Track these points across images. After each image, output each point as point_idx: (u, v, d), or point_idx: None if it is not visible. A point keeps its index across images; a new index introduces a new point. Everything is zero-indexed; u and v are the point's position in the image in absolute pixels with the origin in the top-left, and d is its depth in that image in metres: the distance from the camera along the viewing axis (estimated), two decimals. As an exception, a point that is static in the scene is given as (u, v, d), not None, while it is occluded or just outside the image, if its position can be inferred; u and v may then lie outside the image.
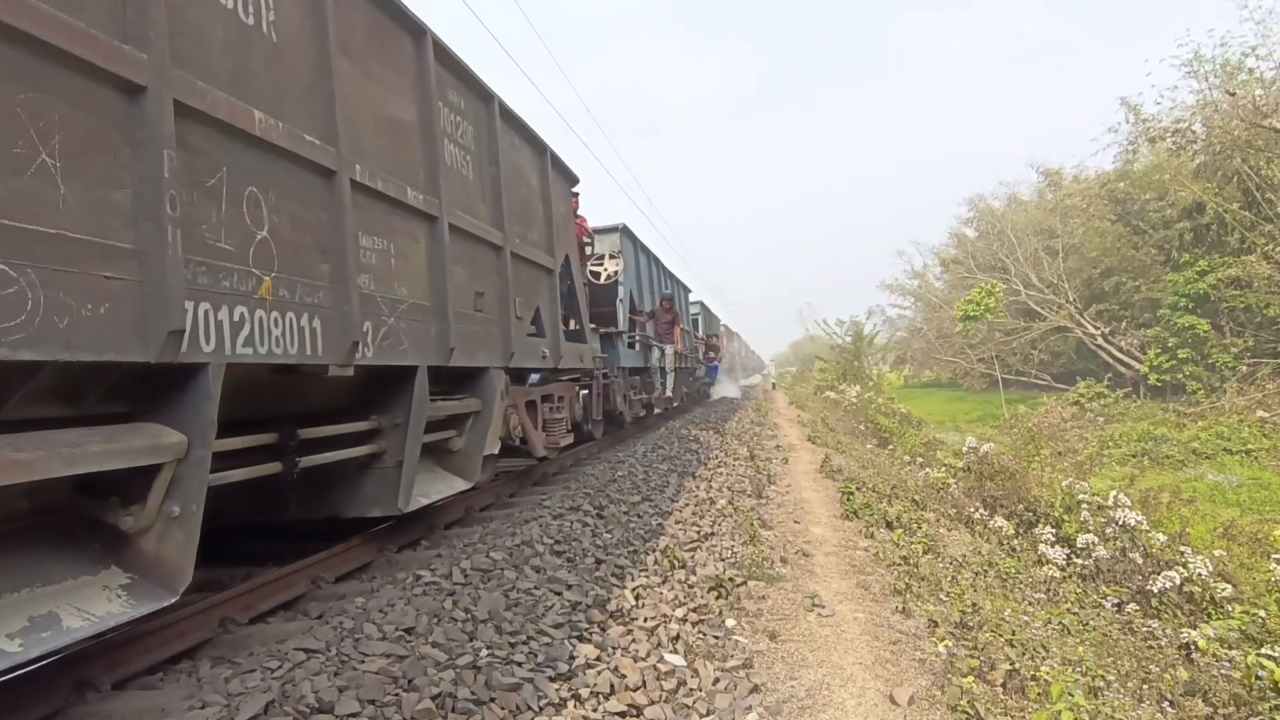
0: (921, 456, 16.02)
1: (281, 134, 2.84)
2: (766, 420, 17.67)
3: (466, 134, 4.74)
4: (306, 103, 3.08)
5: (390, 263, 3.68)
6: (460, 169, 4.55)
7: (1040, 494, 11.46)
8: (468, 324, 4.36)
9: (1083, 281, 33.72)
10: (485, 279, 4.67)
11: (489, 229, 4.76)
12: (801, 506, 7.22)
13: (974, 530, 9.05)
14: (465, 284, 4.40)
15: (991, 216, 40.36)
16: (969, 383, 41.15)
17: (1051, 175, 37.68)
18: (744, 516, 5.89)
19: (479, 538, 4.29)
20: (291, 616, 3.26)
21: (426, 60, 4.16)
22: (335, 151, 3.18)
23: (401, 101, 3.96)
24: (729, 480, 7.72)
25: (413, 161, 4.01)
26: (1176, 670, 5.03)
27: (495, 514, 5.32)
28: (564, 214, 6.84)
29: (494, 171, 4.92)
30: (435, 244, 4.10)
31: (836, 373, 40.07)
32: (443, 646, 2.72)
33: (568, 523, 4.67)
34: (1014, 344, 36.28)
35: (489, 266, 4.81)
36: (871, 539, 5.93)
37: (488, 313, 4.66)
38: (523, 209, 5.49)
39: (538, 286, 5.78)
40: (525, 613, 3.18)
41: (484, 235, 4.68)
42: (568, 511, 4.96)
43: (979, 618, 4.12)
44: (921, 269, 49.01)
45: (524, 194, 5.56)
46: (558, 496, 5.55)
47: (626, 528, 4.99)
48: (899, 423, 25.40)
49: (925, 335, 46.40)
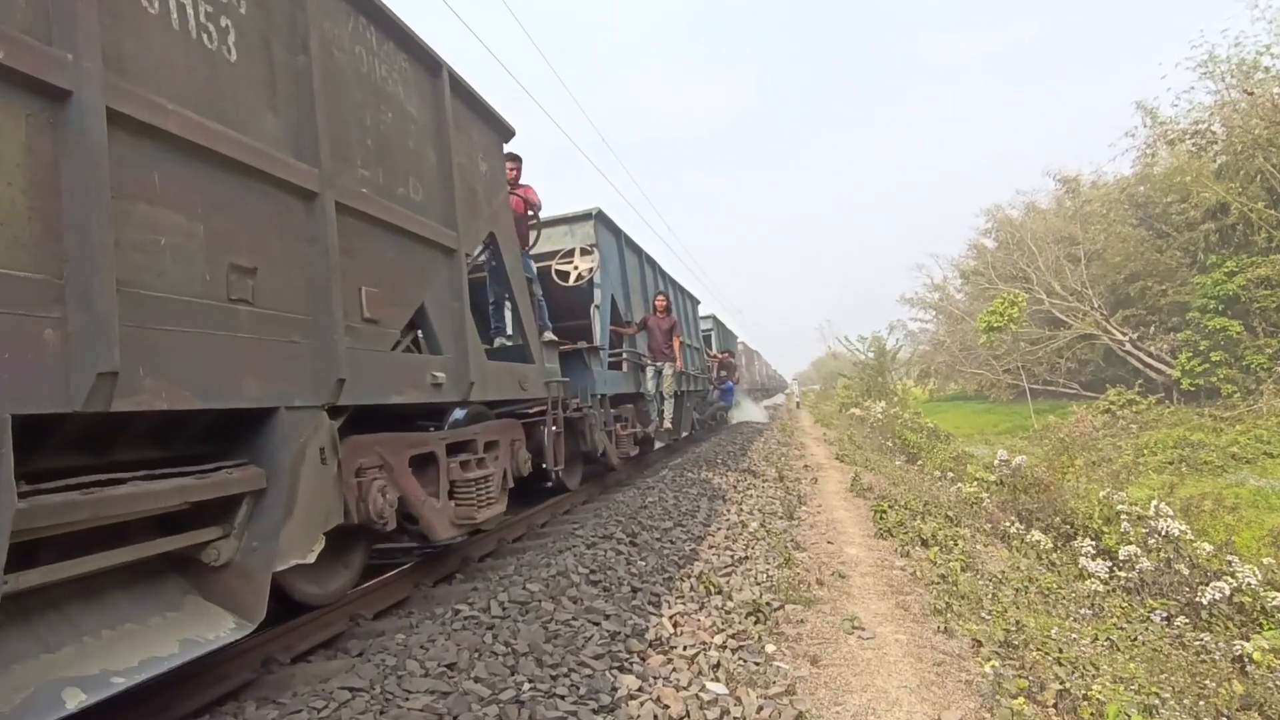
0: (952, 471, 15.77)
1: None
2: (793, 440, 17.54)
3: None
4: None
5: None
6: (181, 25, 2.46)
7: (1077, 506, 11.23)
8: (199, 326, 2.35)
9: (1107, 287, 33.26)
10: (261, 245, 2.66)
11: (268, 151, 2.72)
12: (834, 527, 7.14)
13: (1011, 545, 8.88)
14: (188, 247, 2.37)
15: (1010, 226, 40.03)
16: (996, 394, 40.55)
17: (1069, 182, 37.39)
18: (777, 539, 5.84)
19: (514, 569, 4.30)
20: (332, 655, 3.27)
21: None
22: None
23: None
24: (759, 503, 7.67)
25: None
26: (1232, 684, 4.87)
27: (528, 545, 5.32)
28: (483, 175, 4.73)
29: (297, 62, 2.93)
30: (69, 149, 2.02)
31: (860, 389, 39.69)
32: (485, 682, 2.72)
33: (601, 551, 4.67)
34: (1040, 353, 35.77)
35: (273, 223, 2.75)
36: (907, 558, 5.85)
37: (269, 307, 2.65)
38: (380, 144, 3.47)
39: (420, 274, 3.74)
40: (565, 644, 3.17)
41: (251, 160, 2.62)
42: (601, 540, 4.95)
43: (1024, 636, 4.03)
44: (941, 281, 48.63)
45: (383, 120, 3.52)
46: (590, 525, 5.54)
47: (660, 554, 4.97)
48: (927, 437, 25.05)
49: (948, 348, 45.88)
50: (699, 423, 15.92)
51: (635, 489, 7.61)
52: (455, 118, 4.31)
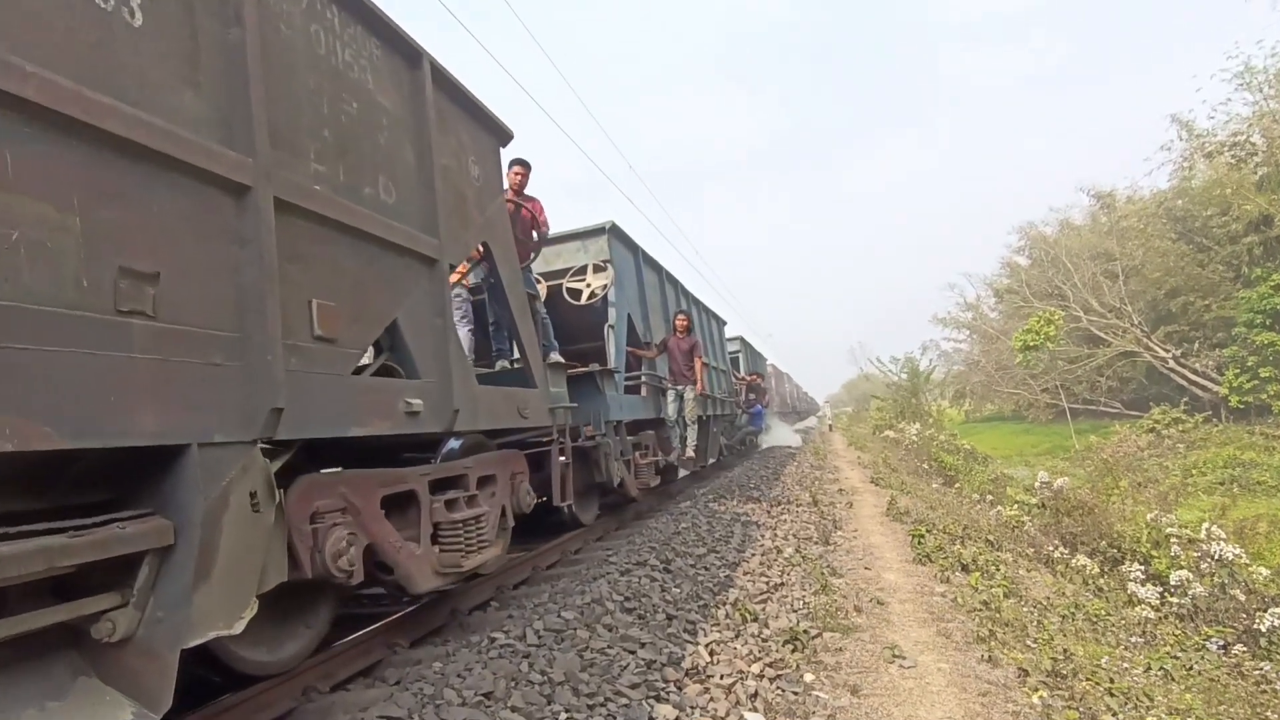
0: (991, 494, 15.44)
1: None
2: (826, 463, 17.33)
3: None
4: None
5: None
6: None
7: (1123, 529, 10.90)
8: (69, 344, 1.93)
9: (1147, 303, 32.51)
10: (169, 246, 2.22)
11: (182, 134, 2.26)
12: (871, 552, 7.02)
13: (1055, 570, 8.64)
14: (55, 245, 1.94)
15: (1044, 243, 39.45)
16: (1034, 414, 39.71)
17: (1104, 198, 36.80)
18: (813, 565, 5.76)
19: (548, 597, 4.29)
20: (370, 683, 3.29)
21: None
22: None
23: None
24: (794, 528, 7.57)
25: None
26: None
27: (562, 571, 5.32)
28: (474, 179, 4.28)
29: (228, 34, 2.51)
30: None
31: (894, 411, 39.15)
32: (522, 711, 2.72)
33: (636, 578, 4.64)
34: (1079, 372, 35.00)
35: (187, 220, 2.29)
36: (948, 583, 5.72)
37: (178, 321, 2.20)
38: (341, 137, 3.04)
39: (392, 286, 3.28)
40: (601, 673, 3.16)
41: (155, 143, 2.17)
42: (634, 566, 4.93)
43: (1072, 665, 3.91)
44: (974, 300, 47.99)
45: (345, 111, 3.11)
46: (623, 551, 5.52)
47: (695, 581, 4.93)
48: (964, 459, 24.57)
49: (984, 368, 45.14)
50: (727, 448, 15.34)
51: (668, 515, 7.57)
52: (439, 115, 3.88)
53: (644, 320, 8.78)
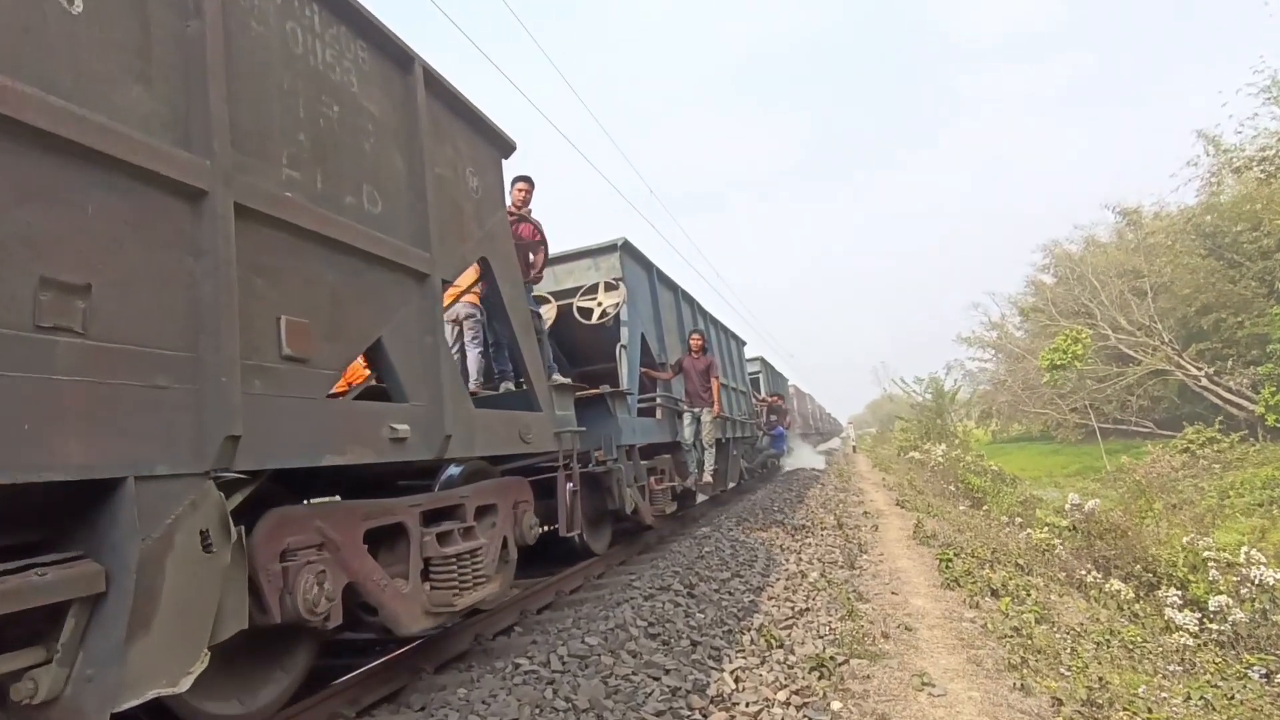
0: (1020, 516, 15.14)
1: None
2: (851, 486, 17.14)
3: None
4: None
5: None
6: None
7: (1159, 553, 10.62)
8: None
9: (1177, 321, 31.92)
10: (106, 255, 2.00)
11: (124, 131, 2.06)
12: (897, 576, 6.91)
13: (1089, 595, 8.44)
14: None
15: (1069, 261, 38.99)
16: (1063, 434, 38.98)
17: (1129, 214, 36.32)
18: (838, 590, 5.69)
19: (572, 622, 4.28)
20: (396, 709, 3.30)
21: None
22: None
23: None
24: (818, 552, 7.49)
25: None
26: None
27: (585, 596, 5.30)
28: (472, 191, 4.06)
29: (186, 27, 2.31)
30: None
31: (919, 432, 38.64)
32: (547, 738, 2.70)
33: (659, 603, 4.62)
34: (1108, 391, 34.37)
35: (130, 226, 2.08)
36: (977, 609, 5.61)
37: (115, 339, 1.98)
38: (320, 142, 2.84)
39: (377, 302, 3.06)
40: (626, 700, 3.14)
41: (90, 140, 1.96)
42: (658, 591, 4.91)
43: (1108, 694, 3.82)
44: (999, 319, 47.41)
45: (325, 115, 2.90)
46: (647, 576, 5.50)
47: (719, 606, 4.89)
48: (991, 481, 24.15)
49: (1010, 387, 44.47)
50: (748, 472, 14.90)
51: (691, 539, 7.52)
52: (433, 122, 3.69)
53: (659, 340, 8.48)
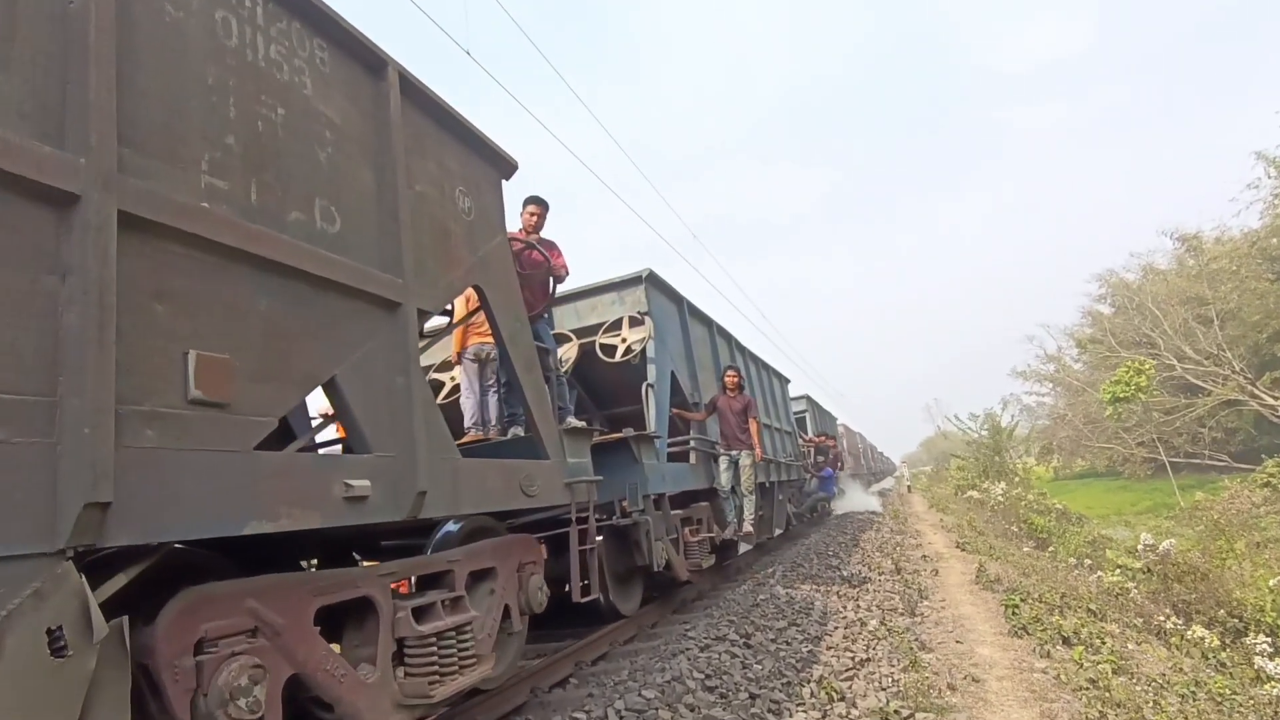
0: (1089, 558, 14.49)
1: None
2: (907, 528, 16.66)
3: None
4: None
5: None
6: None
7: (1243, 596, 10.05)
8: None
9: (1248, 348, 30.60)
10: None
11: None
12: (961, 624, 6.67)
13: (1169, 643, 8.00)
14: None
15: (1127, 290, 37.90)
16: (1130, 469, 37.38)
17: (1189, 240, 35.24)
18: (899, 638, 5.52)
19: (628, 674, 4.24)
20: (455, 764, 3.30)
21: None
22: None
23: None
24: (877, 598, 7.29)
25: None
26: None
27: (640, 647, 5.25)
28: (462, 213, 3.63)
29: (70, 5, 1.94)
30: None
31: (976, 470, 37.48)
32: (607, 796, 2.67)
33: (715, 654, 4.55)
34: (1177, 423, 32.95)
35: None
36: (1048, 658, 5.37)
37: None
38: (256, 147, 2.46)
39: (329, 335, 2.61)
40: (685, 756, 3.08)
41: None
42: (714, 642, 4.83)
43: (1197, 752, 3.60)
44: (1056, 352, 46.12)
45: (265, 117, 2.52)
46: (701, 625, 5.42)
47: (776, 657, 4.79)
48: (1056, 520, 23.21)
49: (1071, 422, 42.95)
50: (796, 517, 14.10)
51: (745, 586, 7.40)
52: (414, 135, 3.33)
53: (691, 378, 7.93)
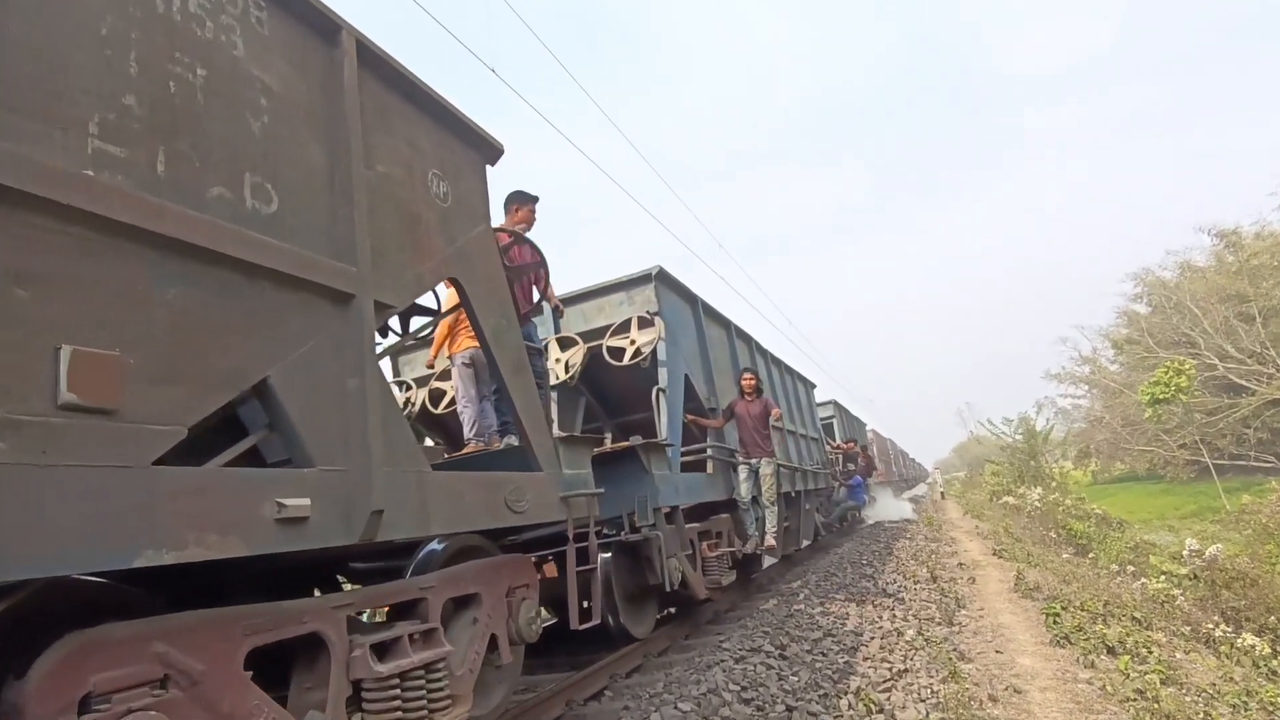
0: (1131, 564, 14.13)
1: None
2: (942, 535, 16.40)
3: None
4: None
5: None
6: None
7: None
8: None
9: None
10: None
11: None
12: (1001, 633, 6.54)
13: (1219, 651, 7.77)
14: None
15: (1164, 289, 37.01)
16: (1172, 472, 36.37)
17: (1228, 236, 34.34)
18: (937, 648, 5.43)
19: (663, 686, 4.23)
20: (493, 777, 3.31)
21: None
22: None
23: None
24: (913, 607, 7.18)
25: None
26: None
27: (674, 659, 5.23)
28: (436, 198, 3.25)
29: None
30: None
31: (1011, 475, 36.80)
32: (647, 810, 2.66)
33: (751, 666, 4.52)
34: (1221, 424, 32.01)
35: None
36: (1093, 668, 5.25)
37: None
38: (168, 111, 2.12)
39: (259, 329, 2.28)
40: (723, 770, 3.07)
41: None
42: (749, 653, 4.80)
43: (1252, 765, 3.49)
44: (1091, 354, 45.14)
45: (181, 78, 2.19)
46: (736, 637, 5.39)
47: (813, 668, 4.74)
48: (1096, 526, 22.68)
49: (1109, 424, 41.95)
50: (825, 527, 13.62)
51: (778, 597, 7.35)
52: (376, 110, 2.95)
53: (707, 382, 7.51)
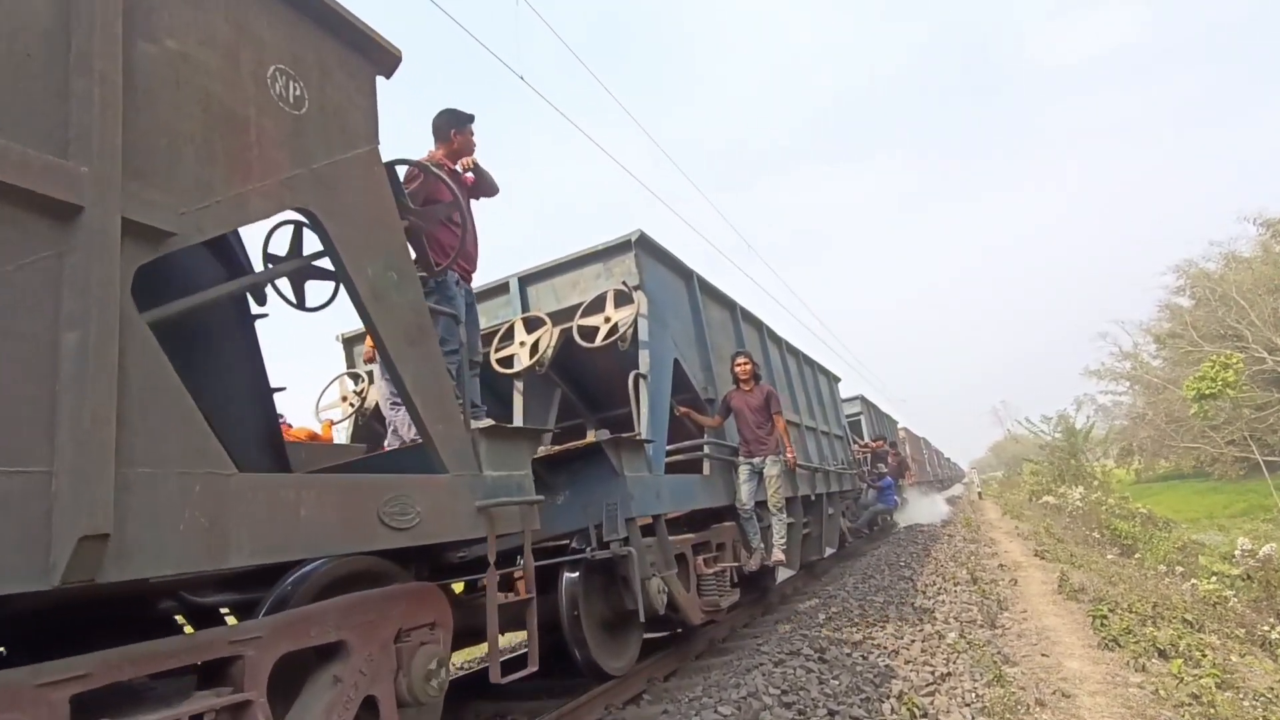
0: (1180, 565, 13.74)
1: None
2: (981, 536, 16.11)
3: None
4: None
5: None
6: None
7: (1356, 603, 9.38)
8: None
9: (1346, 338, 28.73)
10: None
11: None
12: (1045, 636, 6.39)
13: (1275, 654, 7.51)
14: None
15: (1208, 281, 36.00)
16: (1220, 470, 35.35)
17: (1274, 225, 33.34)
18: (981, 651, 5.32)
19: (702, 690, 4.20)
20: (535, 781, 3.31)
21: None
22: None
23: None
24: (954, 609, 7.05)
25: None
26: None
27: (712, 662, 5.20)
28: (282, 102, 2.41)
29: None
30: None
31: (1051, 474, 36.02)
32: (690, 815, 2.65)
33: (790, 669, 4.47)
34: (1271, 420, 31.05)
35: None
36: (1144, 672, 5.11)
37: None
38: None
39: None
40: (766, 775, 3.03)
41: None
42: (788, 656, 4.75)
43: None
44: (1132, 349, 44.05)
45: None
46: (774, 640, 5.34)
47: (853, 671, 4.68)
48: (1141, 525, 22.10)
49: (1152, 421, 40.90)
50: (852, 533, 12.55)
51: (817, 599, 7.27)
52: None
53: (705, 370, 6.43)
